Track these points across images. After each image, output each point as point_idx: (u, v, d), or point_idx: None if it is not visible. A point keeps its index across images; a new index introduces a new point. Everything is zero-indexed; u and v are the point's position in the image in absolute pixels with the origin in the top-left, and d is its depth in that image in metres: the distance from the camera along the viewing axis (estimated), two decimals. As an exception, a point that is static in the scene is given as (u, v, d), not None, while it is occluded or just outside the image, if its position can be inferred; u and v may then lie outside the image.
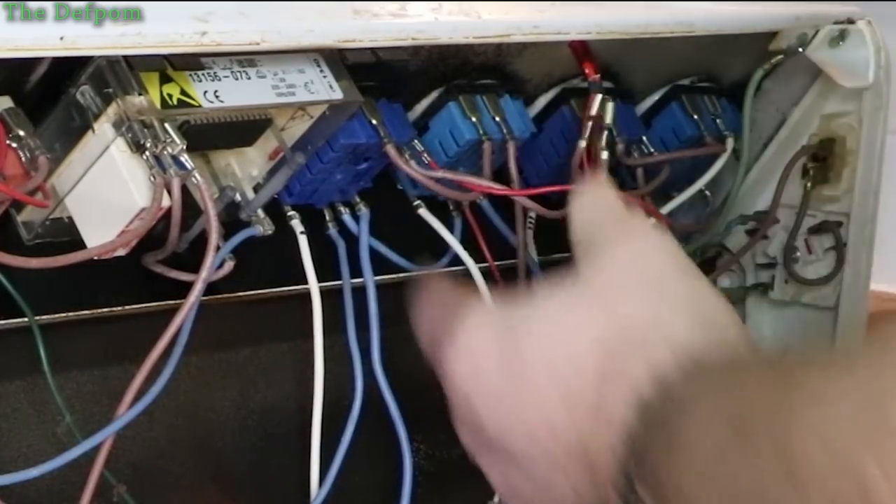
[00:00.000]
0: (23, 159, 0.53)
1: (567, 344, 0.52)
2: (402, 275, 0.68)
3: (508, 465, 0.55)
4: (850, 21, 0.75)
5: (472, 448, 0.56)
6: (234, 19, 0.54)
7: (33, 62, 0.54)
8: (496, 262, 0.71)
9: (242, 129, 0.58)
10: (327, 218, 0.66)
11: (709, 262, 0.82)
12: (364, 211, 0.66)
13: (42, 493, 0.60)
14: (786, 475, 0.44)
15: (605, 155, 0.70)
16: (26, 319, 0.57)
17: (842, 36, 0.74)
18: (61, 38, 0.50)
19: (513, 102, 0.69)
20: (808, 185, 0.79)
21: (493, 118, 0.67)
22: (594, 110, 0.69)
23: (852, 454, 0.42)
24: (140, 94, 0.54)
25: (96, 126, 0.54)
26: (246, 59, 0.57)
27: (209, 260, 0.55)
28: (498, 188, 0.67)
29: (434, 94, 0.67)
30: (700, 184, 0.77)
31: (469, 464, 0.56)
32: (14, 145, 0.53)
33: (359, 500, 0.70)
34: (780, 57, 0.77)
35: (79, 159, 0.55)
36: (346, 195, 0.66)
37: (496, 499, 0.70)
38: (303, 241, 0.63)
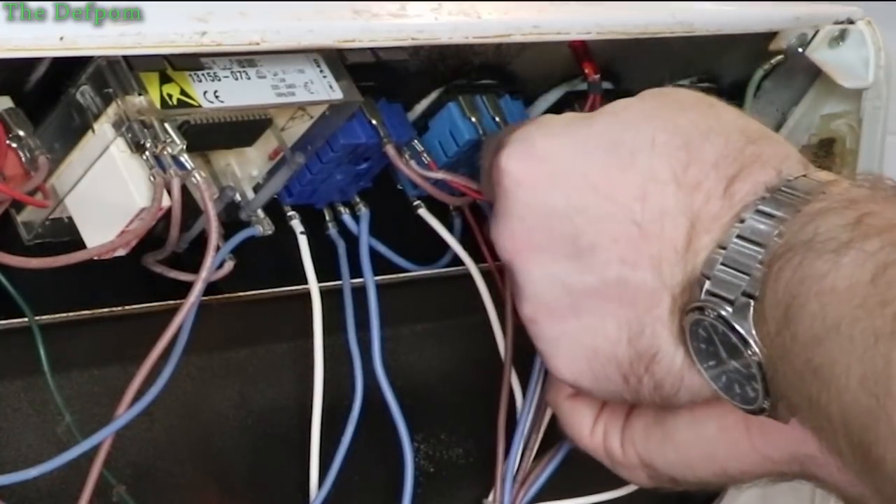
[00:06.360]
0: (23, 159, 0.53)
1: (674, 129, 0.51)
2: (402, 275, 0.68)
3: (561, 264, 0.53)
4: (850, 21, 0.75)
5: (515, 247, 0.55)
6: (234, 19, 0.54)
7: (33, 62, 0.54)
8: (496, 263, 0.70)
9: (242, 129, 0.58)
10: (327, 218, 0.66)
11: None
12: (364, 211, 0.66)
13: (42, 493, 0.60)
14: None
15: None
16: (26, 319, 0.57)
17: (842, 36, 0.74)
18: (61, 38, 0.50)
19: (513, 102, 0.68)
20: (808, 185, 0.78)
21: (493, 118, 0.67)
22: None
23: None
24: (140, 94, 0.54)
25: (96, 126, 0.54)
26: (246, 59, 0.57)
27: (209, 260, 0.55)
28: None
29: (434, 95, 0.67)
30: (700, 184, 0.77)
31: (469, 464, 0.56)
32: (14, 145, 0.53)
33: (359, 500, 0.70)
34: (780, 57, 0.76)
35: (79, 159, 0.55)
36: (346, 195, 0.66)
37: (490, 497, 0.70)
38: (303, 241, 0.63)
